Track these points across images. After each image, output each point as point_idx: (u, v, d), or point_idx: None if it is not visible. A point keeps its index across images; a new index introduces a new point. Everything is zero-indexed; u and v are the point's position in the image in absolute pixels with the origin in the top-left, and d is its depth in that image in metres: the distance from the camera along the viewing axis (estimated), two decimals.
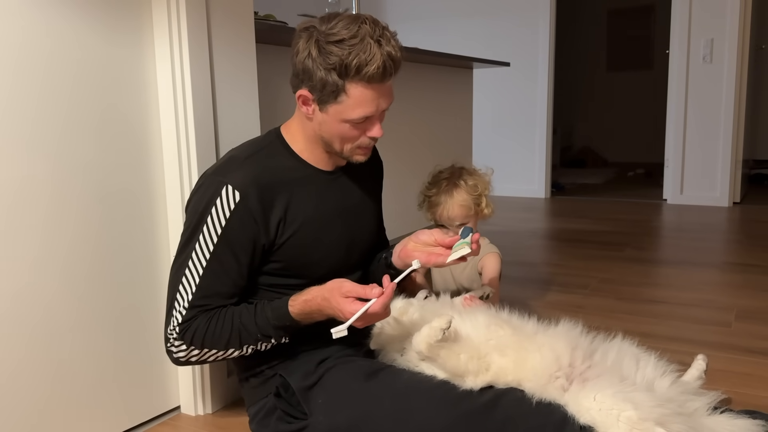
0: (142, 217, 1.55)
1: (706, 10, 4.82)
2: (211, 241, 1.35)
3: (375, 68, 1.26)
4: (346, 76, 1.28)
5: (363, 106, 1.32)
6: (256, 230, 1.36)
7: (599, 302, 2.59)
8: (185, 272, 1.36)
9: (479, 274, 1.94)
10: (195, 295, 1.35)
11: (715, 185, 4.97)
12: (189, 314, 1.35)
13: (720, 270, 3.07)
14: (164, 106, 1.57)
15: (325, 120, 1.37)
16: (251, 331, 1.36)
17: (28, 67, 1.29)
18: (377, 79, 1.29)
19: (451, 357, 1.30)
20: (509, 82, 5.56)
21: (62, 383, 1.41)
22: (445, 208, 1.88)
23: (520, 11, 5.46)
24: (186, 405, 1.69)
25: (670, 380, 1.30)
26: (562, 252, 3.54)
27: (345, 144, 1.41)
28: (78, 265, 1.42)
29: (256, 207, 1.35)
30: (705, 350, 1.58)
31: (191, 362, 1.40)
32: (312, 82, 1.32)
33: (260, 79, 1.84)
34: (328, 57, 1.26)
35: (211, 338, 1.35)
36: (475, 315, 1.42)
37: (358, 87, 1.29)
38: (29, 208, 1.32)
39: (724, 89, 4.84)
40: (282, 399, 1.42)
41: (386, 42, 1.29)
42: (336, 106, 1.33)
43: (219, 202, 1.34)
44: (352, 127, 1.36)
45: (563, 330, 1.38)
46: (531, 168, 5.62)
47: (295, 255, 1.43)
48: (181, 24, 1.51)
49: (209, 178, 1.37)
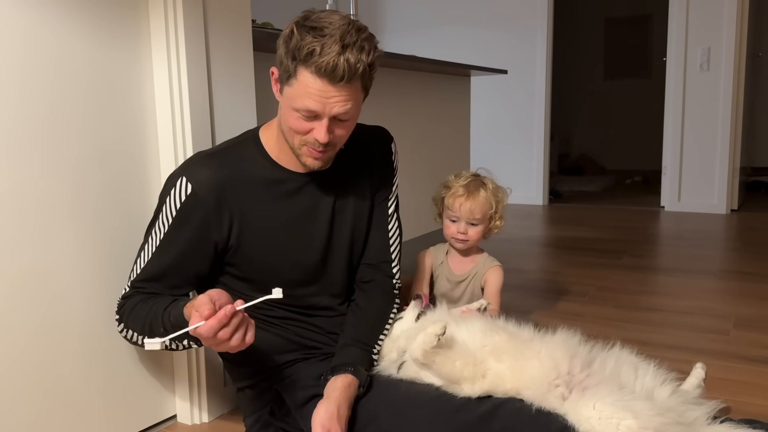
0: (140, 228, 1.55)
1: (703, 18, 4.84)
2: (163, 228, 1.37)
3: (325, 62, 1.22)
4: (297, 60, 1.24)
5: (308, 98, 1.25)
6: (205, 225, 1.35)
7: (597, 310, 2.58)
8: (140, 253, 1.39)
9: (482, 289, 1.94)
10: (139, 276, 1.37)
11: (713, 193, 4.97)
12: (128, 292, 1.38)
13: (718, 278, 3.07)
14: (161, 114, 1.56)
15: (282, 105, 1.33)
16: (157, 324, 1.28)
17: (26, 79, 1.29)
18: (325, 74, 1.23)
19: (446, 363, 1.30)
20: (507, 89, 5.57)
21: (57, 392, 1.40)
22: (466, 200, 1.87)
23: (518, 19, 5.48)
24: (182, 414, 1.68)
25: (670, 389, 1.29)
26: (560, 259, 3.54)
27: (294, 137, 1.33)
28: (73, 274, 1.41)
29: (207, 202, 1.35)
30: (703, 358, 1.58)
31: (131, 341, 1.39)
32: (278, 60, 1.30)
33: (258, 86, 1.84)
34: (294, 39, 1.24)
35: (134, 319, 1.34)
36: (471, 321, 1.42)
37: (306, 74, 1.24)
38: (23, 217, 1.31)
39: (722, 97, 4.86)
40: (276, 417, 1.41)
41: (353, 49, 1.24)
42: (288, 89, 1.28)
43: (173, 192, 1.35)
44: (299, 118, 1.29)
45: (561, 338, 1.38)
46: (529, 175, 5.62)
47: (252, 260, 1.40)
48: (179, 32, 1.51)
49: (175, 170, 1.39)
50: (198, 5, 1.54)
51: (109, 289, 1.48)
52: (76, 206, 1.41)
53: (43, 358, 1.37)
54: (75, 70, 1.38)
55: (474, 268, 1.94)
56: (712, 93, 4.89)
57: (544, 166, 5.56)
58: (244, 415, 1.52)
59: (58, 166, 1.36)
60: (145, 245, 1.39)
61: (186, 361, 1.64)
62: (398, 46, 5.81)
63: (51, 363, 1.38)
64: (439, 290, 1.97)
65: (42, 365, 1.36)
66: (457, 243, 1.92)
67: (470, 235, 1.89)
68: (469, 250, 1.95)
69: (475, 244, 1.95)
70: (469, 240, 1.90)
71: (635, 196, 5.98)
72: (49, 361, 1.38)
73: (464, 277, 1.94)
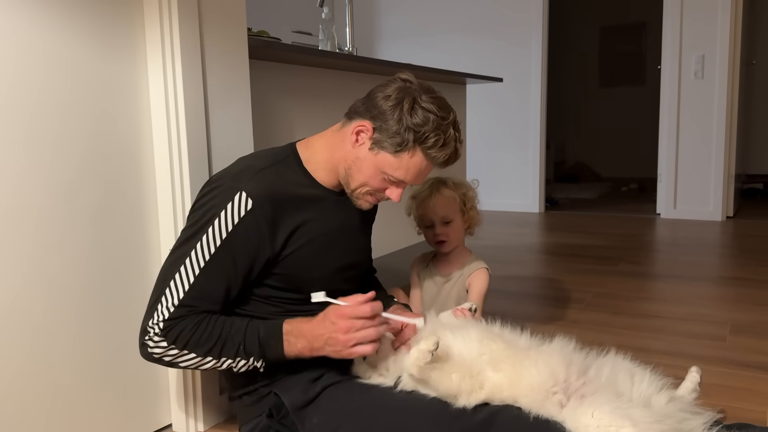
0: (135, 238, 1.54)
1: (697, 26, 4.87)
2: (214, 243, 1.32)
3: (444, 154, 1.40)
4: (420, 142, 1.37)
5: (409, 172, 1.40)
6: (261, 241, 1.35)
7: (594, 317, 2.58)
8: (180, 269, 1.32)
9: (466, 291, 1.93)
10: (187, 294, 1.31)
11: (708, 200, 4.99)
12: (177, 312, 1.30)
13: (714, 284, 3.07)
14: (157, 123, 1.56)
15: (365, 158, 1.40)
16: (235, 342, 1.32)
17: (22, 88, 1.29)
18: (437, 162, 1.41)
19: (442, 378, 1.29)
20: (502, 97, 5.59)
21: (51, 401, 1.39)
22: (431, 201, 1.88)
23: (513, 27, 5.50)
24: (178, 423, 1.67)
25: (667, 396, 1.29)
26: (557, 266, 3.54)
27: (362, 187, 1.43)
28: (68, 281, 1.41)
29: (266, 218, 1.34)
30: (700, 364, 1.58)
31: (162, 362, 1.33)
32: (383, 124, 1.37)
33: (253, 95, 1.85)
34: (416, 116, 1.35)
35: (196, 341, 1.30)
36: (467, 330, 1.41)
37: (419, 156, 1.38)
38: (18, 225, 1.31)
39: (716, 104, 4.88)
40: (274, 420, 1.40)
41: (460, 140, 1.43)
42: (388, 156, 1.38)
43: (230, 206, 1.33)
44: (384, 181, 1.41)
45: (557, 346, 1.38)
46: (525, 183, 5.63)
47: (297, 270, 1.42)
48: (174, 40, 1.51)
49: (225, 182, 1.36)
50: (193, 14, 1.55)
51: (104, 299, 1.48)
52: (72, 214, 1.40)
53: (39, 370, 1.36)
54: (69, 80, 1.38)
55: (459, 269, 1.93)
56: (706, 100, 4.91)
57: (540, 174, 5.57)
58: (240, 423, 1.51)
59: (51, 176, 1.36)
60: (185, 259, 1.33)
61: (181, 370, 1.63)
62: (394, 54, 5.83)
63: (46, 374, 1.37)
64: (426, 293, 1.96)
65: (38, 377, 1.36)
66: (439, 247, 1.92)
67: (449, 235, 1.89)
68: (455, 250, 1.94)
69: (459, 243, 1.94)
70: (448, 240, 1.90)
71: (631, 204, 6.00)
72: (44, 372, 1.37)
73: (449, 279, 1.93)
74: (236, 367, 1.35)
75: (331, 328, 1.29)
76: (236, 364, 1.34)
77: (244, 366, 1.35)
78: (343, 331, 1.27)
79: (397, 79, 1.43)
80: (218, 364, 1.34)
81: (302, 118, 2.25)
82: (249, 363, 1.34)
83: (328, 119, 2.36)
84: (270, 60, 2.02)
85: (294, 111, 2.21)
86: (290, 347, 1.32)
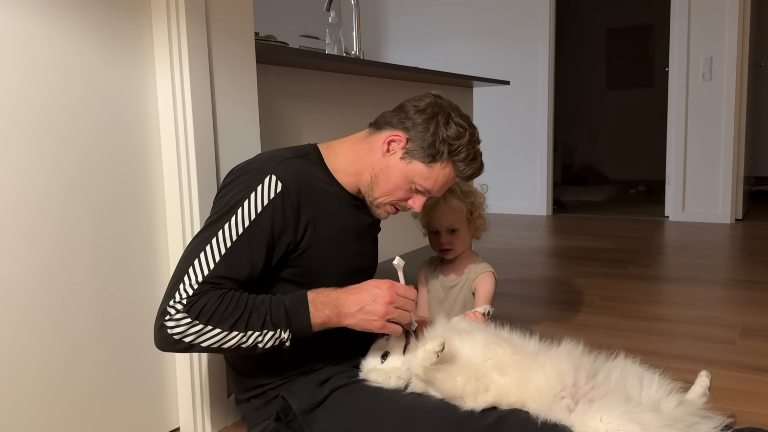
0: (143, 240, 1.55)
1: (705, 28, 4.86)
2: (242, 224, 1.33)
3: (472, 168, 1.50)
4: (453, 154, 1.46)
5: (437, 183, 1.47)
6: (286, 225, 1.36)
7: (603, 320, 2.57)
8: (205, 249, 1.30)
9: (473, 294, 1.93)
10: (211, 272, 1.28)
11: (717, 202, 4.96)
12: (200, 288, 1.27)
13: (723, 287, 3.06)
14: (165, 126, 1.57)
15: (396, 167, 1.46)
16: (261, 313, 1.29)
17: (32, 92, 1.30)
18: (464, 175, 1.50)
19: (447, 380, 1.29)
20: (510, 100, 5.58)
21: (59, 403, 1.40)
22: (438, 210, 1.88)
23: (520, 30, 5.50)
24: (186, 426, 1.67)
25: (676, 400, 1.28)
26: (565, 269, 3.53)
27: (386, 196, 1.48)
28: (74, 281, 1.41)
29: (291, 203, 1.36)
30: (709, 368, 1.57)
31: (182, 344, 1.26)
32: (418, 134, 1.44)
33: (261, 98, 1.85)
34: (450, 130, 1.45)
35: (220, 314, 1.26)
36: (473, 334, 1.41)
37: (449, 168, 1.47)
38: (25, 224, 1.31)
39: (724, 106, 4.86)
40: (282, 423, 1.40)
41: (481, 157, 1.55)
42: (421, 166, 1.45)
43: (261, 188, 1.35)
44: (407, 189, 1.48)
45: (565, 350, 1.37)
46: (532, 185, 5.62)
47: (314, 264, 1.43)
48: (182, 44, 1.52)
49: (253, 168, 1.39)
50: (201, 18, 1.55)
51: (112, 301, 1.49)
52: (80, 215, 1.41)
53: (47, 374, 1.36)
54: (76, 83, 1.39)
55: (466, 273, 1.92)
56: (714, 103, 4.89)
57: (548, 177, 5.56)
58: (249, 426, 1.51)
59: (59, 177, 1.37)
60: (212, 240, 1.31)
61: (189, 372, 1.63)
62: (401, 58, 5.84)
63: (54, 377, 1.38)
64: (433, 298, 1.96)
65: (43, 378, 1.36)
66: (443, 254, 1.92)
67: (454, 243, 1.89)
68: (461, 255, 1.94)
69: (465, 250, 1.94)
70: (453, 249, 1.90)
71: (639, 206, 5.97)
72: (52, 375, 1.37)
73: (455, 283, 1.92)
74: (263, 342, 1.30)
75: (376, 295, 1.32)
76: (263, 338, 1.29)
77: (271, 340, 1.30)
78: (386, 301, 1.32)
79: (429, 94, 1.50)
80: (244, 339, 1.28)
81: (309, 122, 2.25)
82: (276, 335, 1.30)
83: (335, 122, 2.37)
84: (277, 64, 2.03)
85: (301, 114, 2.21)
86: (317, 313, 1.32)
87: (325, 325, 1.34)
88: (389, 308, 1.32)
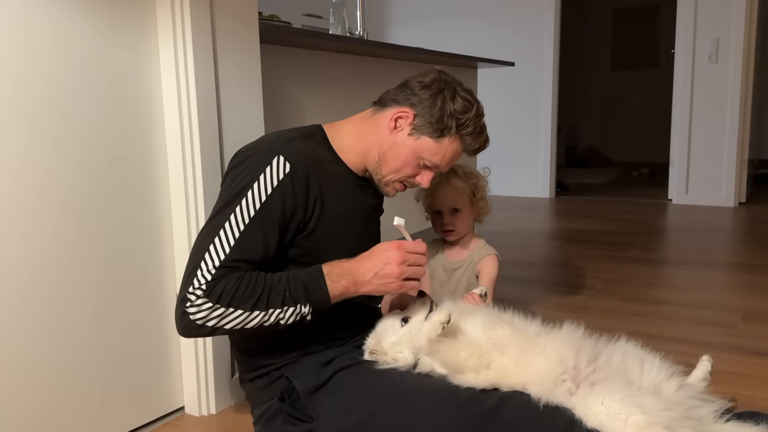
0: (148, 223, 1.55)
1: (712, 9, 4.81)
2: (254, 206, 1.33)
3: (478, 142, 1.50)
4: (460, 128, 1.45)
5: (445, 157, 1.47)
6: (296, 204, 1.36)
7: (605, 303, 2.58)
8: (219, 234, 1.31)
9: (476, 276, 1.93)
10: (227, 256, 1.29)
11: (721, 185, 4.95)
12: (218, 273, 1.28)
13: (726, 270, 3.06)
14: (169, 108, 1.56)
15: (404, 143, 1.45)
16: (280, 290, 1.30)
17: (34, 74, 1.29)
18: (471, 149, 1.50)
19: (450, 352, 1.30)
20: (514, 82, 5.55)
21: (66, 384, 1.41)
22: (441, 190, 1.88)
23: (525, 11, 5.45)
24: (190, 405, 1.69)
25: (677, 384, 1.29)
26: (567, 252, 3.53)
27: (394, 173, 1.47)
28: (77, 263, 1.42)
29: (301, 183, 1.37)
30: (710, 351, 1.58)
31: (205, 328, 1.28)
32: (425, 109, 1.43)
33: (264, 78, 1.84)
34: (457, 104, 1.44)
35: (241, 295, 1.27)
36: (475, 315, 1.42)
37: (457, 142, 1.46)
38: (29, 216, 1.32)
39: (730, 89, 4.83)
40: (286, 403, 1.42)
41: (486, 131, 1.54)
42: (429, 141, 1.44)
43: (269, 169, 1.34)
44: (415, 166, 1.47)
45: (566, 332, 1.37)
46: (536, 168, 5.61)
47: (320, 244, 1.43)
48: (185, 24, 1.51)
49: (260, 149, 1.38)
50: None
51: (118, 284, 1.49)
52: (85, 201, 1.41)
53: (52, 352, 1.37)
54: (80, 66, 1.39)
55: (469, 256, 1.93)
56: (720, 85, 4.86)
57: (551, 159, 5.55)
58: (252, 406, 1.52)
59: (60, 161, 1.37)
60: (224, 224, 1.31)
61: (194, 353, 1.65)
62: (405, 39, 5.79)
63: (60, 358, 1.39)
64: (436, 280, 1.97)
65: (50, 358, 1.37)
66: (446, 235, 1.92)
67: (456, 224, 1.89)
68: (464, 237, 1.94)
69: (467, 232, 1.94)
70: (456, 230, 1.90)
71: (642, 189, 5.96)
72: (57, 356, 1.39)
73: (459, 265, 1.93)
74: (284, 318, 1.31)
75: (387, 258, 1.33)
76: (284, 315, 1.30)
77: (292, 316, 1.31)
78: (398, 261, 1.32)
79: (434, 70, 1.48)
80: (266, 317, 1.29)
81: (312, 102, 2.25)
82: (297, 310, 1.31)
83: (338, 103, 2.36)
84: (281, 44, 2.01)
85: (304, 95, 2.20)
86: (334, 285, 1.34)
87: (343, 296, 1.36)
88: (402, 267, 1.33)
